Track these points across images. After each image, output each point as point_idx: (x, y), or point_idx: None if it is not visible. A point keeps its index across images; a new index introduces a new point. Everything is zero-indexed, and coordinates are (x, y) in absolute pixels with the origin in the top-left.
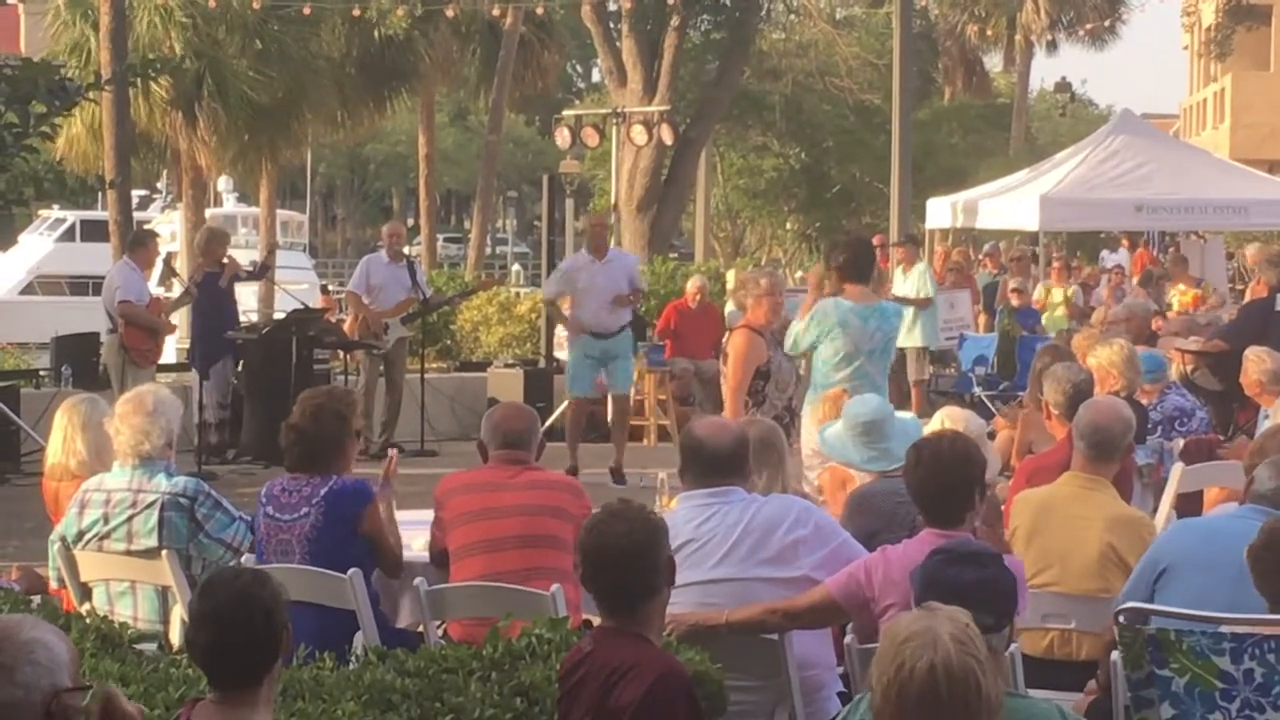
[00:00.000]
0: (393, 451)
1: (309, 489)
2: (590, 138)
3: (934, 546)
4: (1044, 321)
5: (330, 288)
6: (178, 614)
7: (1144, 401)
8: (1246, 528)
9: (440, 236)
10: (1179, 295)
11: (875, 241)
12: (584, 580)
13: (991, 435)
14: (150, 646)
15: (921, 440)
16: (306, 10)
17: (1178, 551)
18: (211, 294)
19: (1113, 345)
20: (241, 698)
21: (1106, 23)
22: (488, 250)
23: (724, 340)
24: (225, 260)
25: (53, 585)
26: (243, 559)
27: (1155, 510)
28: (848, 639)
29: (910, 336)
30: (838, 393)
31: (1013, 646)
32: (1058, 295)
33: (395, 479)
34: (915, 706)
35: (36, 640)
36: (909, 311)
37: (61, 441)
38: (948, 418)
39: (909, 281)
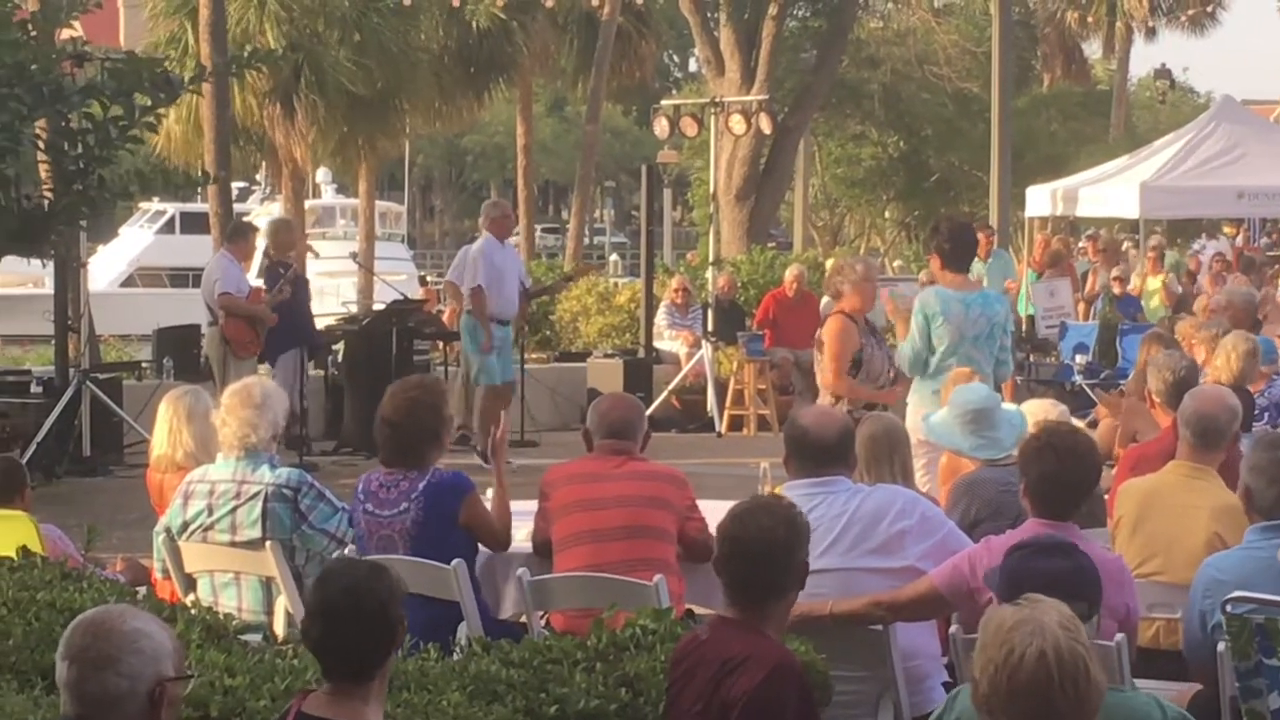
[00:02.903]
0: (501, 430)
1: (407, 483)
2: (688, 127)
3: (1027, 539)
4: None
5: (429, 279)
6: (282, 605)
7: (1251, 389)
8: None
9: (538, 227)
10: None
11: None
12: (716, 565)
13: (1093, 424)
14: (255, 637)
15: (1049, 431)
16: (406, 1)
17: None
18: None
19: (1235, 339)
20: (353, 689)
21: (1207, 8)
22: (585, 240)
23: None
24: (293, 254)
25: (157, 576)
26: (346, 549)
27: None
28: (953, 629)
29: None
30: (965, 373)
31: (1118, 636)
32: (1153, 284)
33: (505, 451)
34: (1026, 693)
35: (140, 630)
36: None
37: (167, 433)
38: (1029, 411)
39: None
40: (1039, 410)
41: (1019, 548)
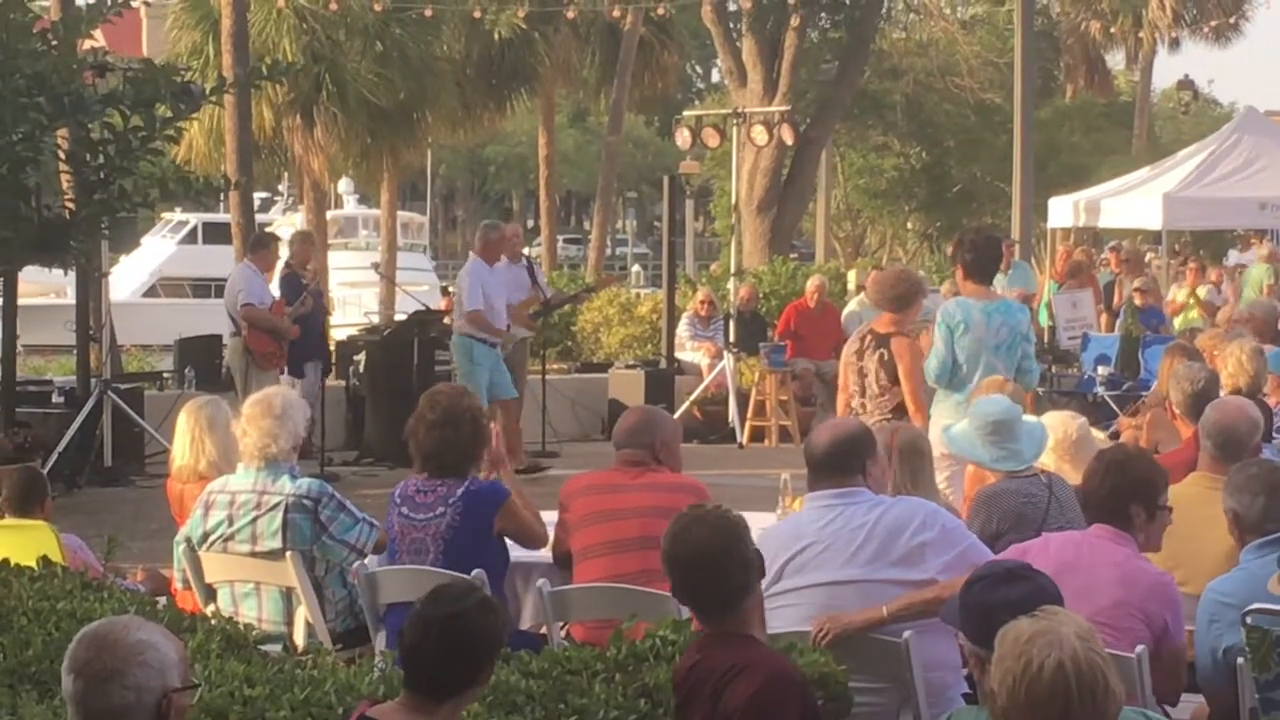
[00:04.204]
0: (494, 426)
1: (445, 489)
2: (710, 138)
3: (1099, 536)
4: (1177, 322)
5: (451, 289)
6: (301, 615)
7: (1271, 401)
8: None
9: (560, 237)
10: None
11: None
12: (676, 589)
13: (1115, 436)
14: (275, 647)
15: (1118, 451)
16: (428, 12)
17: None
18: (297, 297)
19: (1240, 343)
20: (423, 705)
21: (1231, 19)
22: (608, 251)
23: (862, 342)
24: (310, 267)
25: (177, 586)
26: (366, 560)
27: None
28: None
29: None
30: (997, 381)
31: (1139, 648)
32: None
33: (502, 457)
34: (1045, 703)
35: (144, 642)
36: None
37: (189, 443)
38: (1050, 422)
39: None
40: (1059, 422)
41: (977, 579)
